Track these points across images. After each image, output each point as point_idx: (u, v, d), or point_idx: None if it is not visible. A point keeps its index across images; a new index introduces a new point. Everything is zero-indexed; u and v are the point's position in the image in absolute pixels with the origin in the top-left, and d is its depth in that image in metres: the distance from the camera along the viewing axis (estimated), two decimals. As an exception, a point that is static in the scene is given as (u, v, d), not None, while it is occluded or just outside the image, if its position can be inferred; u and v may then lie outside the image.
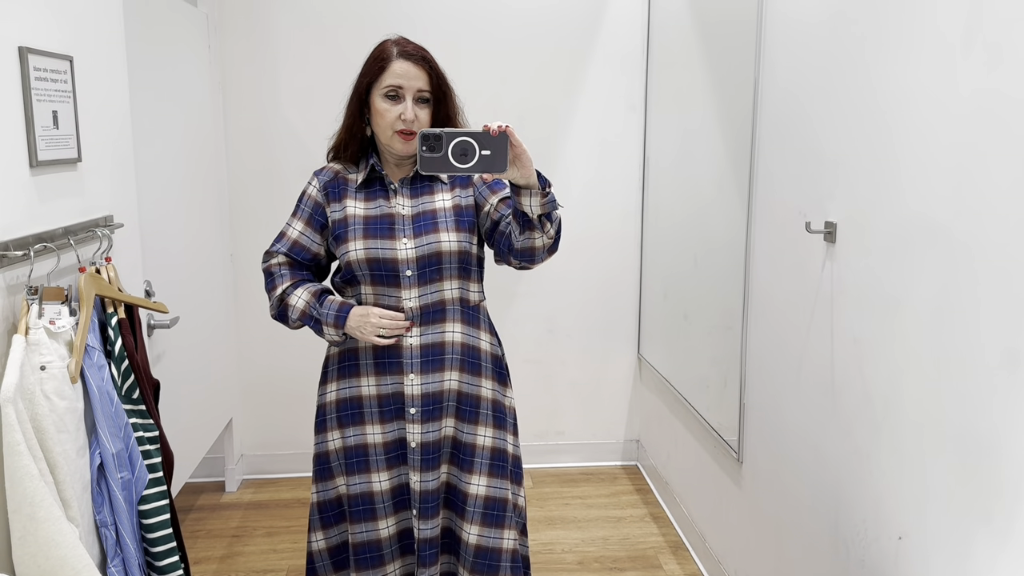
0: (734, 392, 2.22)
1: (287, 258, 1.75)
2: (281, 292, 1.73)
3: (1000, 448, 1.17)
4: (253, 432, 3.24)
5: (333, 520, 1.79)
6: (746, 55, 2.09)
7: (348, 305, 1.69)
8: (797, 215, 1.82)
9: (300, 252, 1.75)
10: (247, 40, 2.98)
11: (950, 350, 1.28)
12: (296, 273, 1.75)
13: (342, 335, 1.69)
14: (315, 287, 1.73)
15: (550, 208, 1.53)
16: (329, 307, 1.69)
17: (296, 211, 1.76)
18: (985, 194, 1.19)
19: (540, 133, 3.13)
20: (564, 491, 3.14)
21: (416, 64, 1.63)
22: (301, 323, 1.72)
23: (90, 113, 1.67)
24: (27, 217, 1.44)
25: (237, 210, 3.06)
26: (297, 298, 1.71)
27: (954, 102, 1.26)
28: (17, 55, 1.41)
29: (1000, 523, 1.17)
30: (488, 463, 1.72)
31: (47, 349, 1.37)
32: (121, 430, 1.54)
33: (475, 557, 1.71)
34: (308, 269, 1.78)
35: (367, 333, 1.65)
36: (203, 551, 2.67)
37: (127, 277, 1.82)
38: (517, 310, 3.26)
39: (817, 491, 1.75)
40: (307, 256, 1.75)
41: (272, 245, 1.77)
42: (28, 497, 1.26)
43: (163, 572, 1.60)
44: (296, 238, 1.74)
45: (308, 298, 1.71)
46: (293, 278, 1.74)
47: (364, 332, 1.65)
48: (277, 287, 1.74)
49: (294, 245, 1.75)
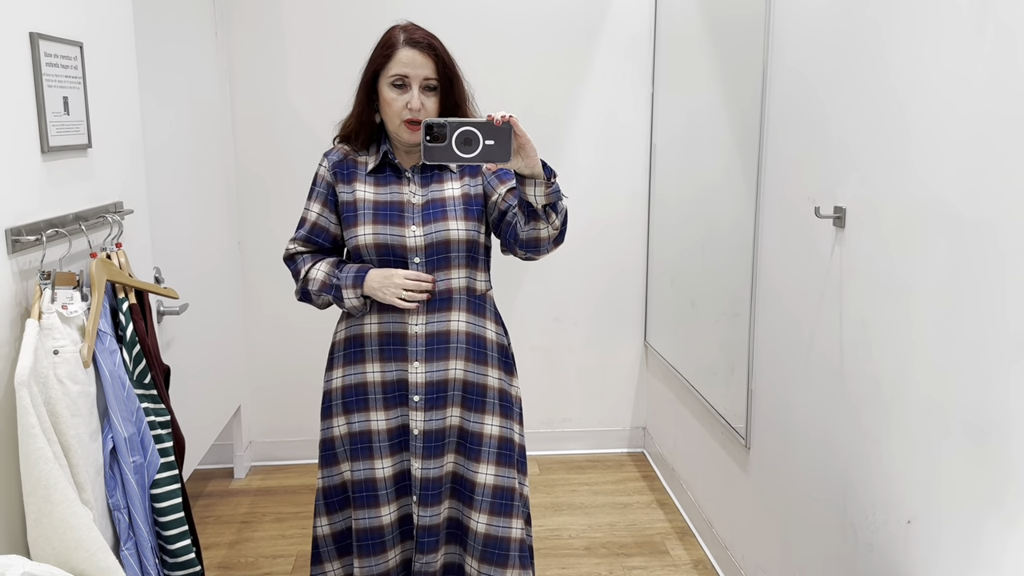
0: (741, 378, 2.22)
1: (307, 245, 1.76)
2: (304, 274, 1.74)
3: (1012, 433, 1.17)
4: (261, 419, 3.25)
5: (338, 506, 1.79)
6: (755, 38, 2.08)
7: (365, 268, 1.68)
8: (806, 200, 1.82)
9: (320, 233, 1.75)
10: (254, 27, 2.97)
11: (961, 335, 1.28)
12: (316, 256, 1.76)
13: (361, 297, 1.68)
14: (334, 259, 1.74)
15: (555, 198, 1.53)
16: (348, 271, 1.69)
17: (312, 194, 1.76)
18: (999, 178, 1.19)
19: (546, 120, 3.12)
20: (571, 478, 3.15)
21: (422, 52, 1.62)
22: (324, 294, 1.72)
23: (100, 99, 1.68)
24: (39, 203, 1.44)
25: (245, 197, 3.07)
26: (317, 270, 1.72)
27: (968, 85, 1.26)
28: (28, 41, 1.41)
29: (1012, 507, 1.17)
30: (496, 452, 1.73)
31: (60, 333, 1.37)
32: (133, 414, 1.55)
33: (484, 546, 1.71)
34: (330, 253, 1.78)
35: (388, 295, 1.64)
36: (212, 537, 2.69)
37: (137, 263, 1.83)
38: (524, 297, 3.26)
39: (825, 476, 1.76)
40: (327, 237, 1.76)
41: (295, 232, 1.78)
42: (43, 480, 1.27)
43: (175, 555, 1.61)
44: (315, 220, 1.75)
45: (327, 268, 1.71)
46: (314, 260, 1.75)
47: (386, 293, 1.65)
48: (300, 270, 1.75)
49: (314, 227, 1.75)
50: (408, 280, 1.64)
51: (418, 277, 1.65)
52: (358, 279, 1.67)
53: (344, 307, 1.71)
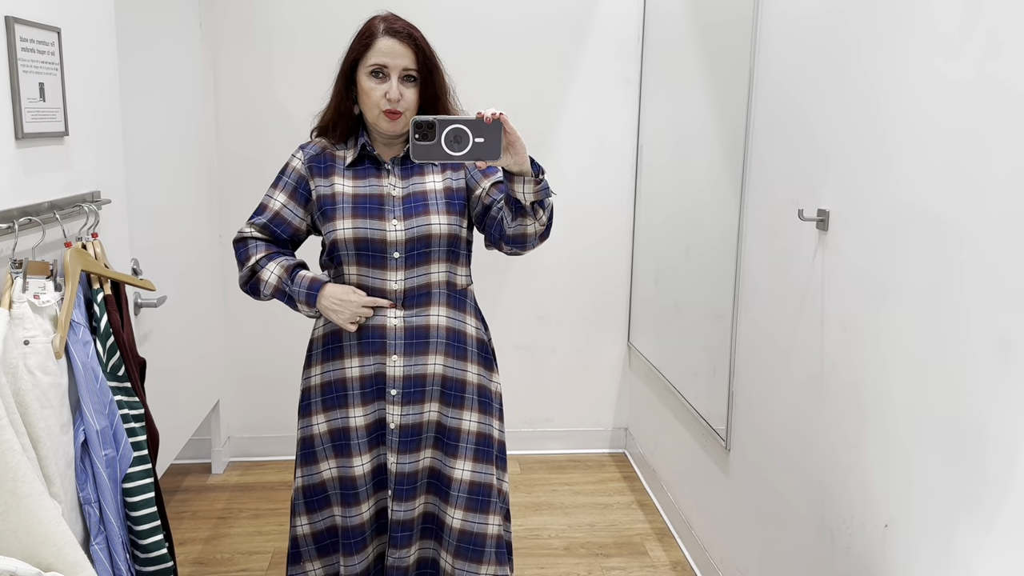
0: (723, 380, 2.22)
1: (264, 232, 1.73)
2: (253, 263, 1.70)
3: (986, 437, 1.17)
4: (240, 414, 3.22)
5: (317, 505, 1.77)
6: (741, 45, 2.08)
7: (319, 283, 1.66)
8: (790, 203, 1.82)
9: (280, 224, 1.72)
10: (240, 18, 2.94)
11: (939, 339, 1.28)
12: (271, 246, 1.73)
13: (315, 312, 1.68)
14: (288, 261, 1.70)
15: (543, 195, 1.52)
16: (300, 284, 1.67)
17: (278, 183, 1.73)
18: (980, 184, 1.19)
19: (534, 121, 3.11)
20: (551, 477, 3.14)
21: (402, 41, 1.60)
22: (273, 298, 1.71)
23: (78, 87, 1.65)
24: (12, 190, 1.42)
25: (226, 190, 3.04)
26: (269, 273, 1.69)
27: (950, 92, 1.26)
28: (4, 24, 1.38)
29: (985, 511, 1.17)
30: (473, 448, 1.71)
31: (31, 323, 1.35)
32: (106, 407, 1.52)
33: (459, 542, 1.70)
34: (285, 244, 1.75)
35: (342, 320, 1.64)
36: (188, 532, 2.66)
37: (114, 255, 1.80)
38: (508, 296, 3.25)
39: (804, 479, 1.76)
40: (287, 230, 1.72)
41: (251, 217, 1.73)
42: (10, 472, 1.25)
43: (147, 551, 1.59)
44: (278, 210, 1.71)
45: (280, 273, 1.68)
46: (267, 250, 1.71)
47: (339, 316, 1.64)
48: (250, 257, 1.71)
49: (275, 217, 1.72)
50: (365, 309, 1.64)
51: (375, 303, 1.65)
52: (311, 296, 1.66)
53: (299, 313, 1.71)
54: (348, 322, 1.64)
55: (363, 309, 1.64)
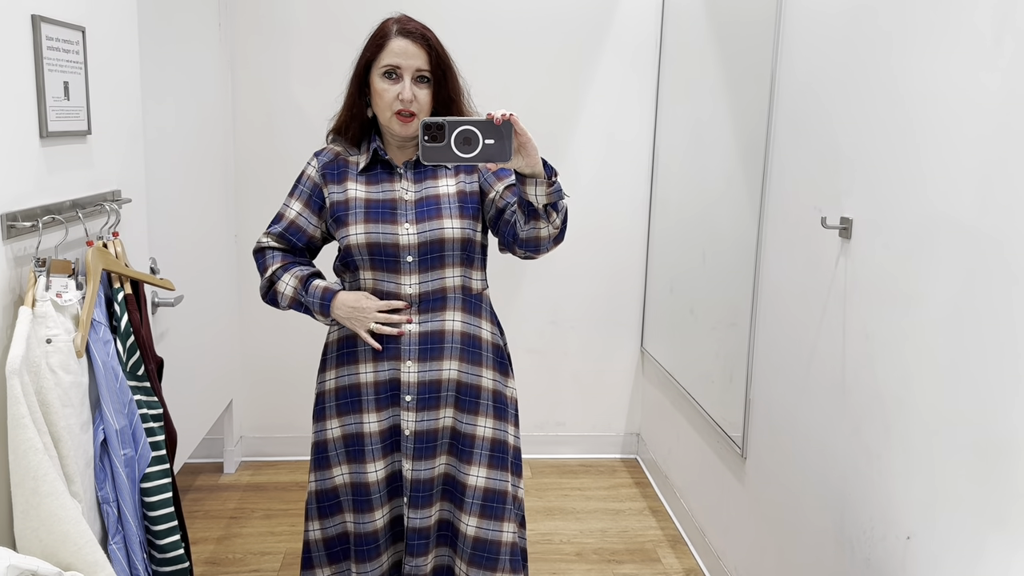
0: (740, 388, 2.21)
1: (280, 241, 1.73)
2: (271, 274, 1.71)
3: (1018, 450, 1.15)
4: (253, 414, 3.22)
5: (329, 511, 1.76)
6: (763, 49, 2.06)
7: (331, 292, 1.66)
8: (812, 210, 1.81)
9: (296, 233, 1.72)
10: (259, 20, 2.95)
11: (969, 350, 1.26)
12: (287, 256, 1.73)
13: (332, 321, 1.68)
14: (302, 271, 1.71)
15: (556, 198, 1.50)
16: (313, 294, 1.67)
17: (294, 191, 1.73)
18: (1012, 193, 1.18)
19: (550, 125, 3.11)
20: (563, 482, 3.13)
21: (415, 42, 1.59)
22: (291, 308, 1.72)
23: (101, 86, 1.65)
24: (36, 188, 1.42)
25: (243, 190, 3.04)
26: (285, 284, 1.69)
27: (982, 98, 1.24)
28: (30, 23, 1.38)
29: (1015, 526, 1.16)
30: (488, 454, 1.70)
31: (53, 322, 1.35)
32: (125, 407, 1.52)
33: (473, 549, 1.69)
34: (302, 253, 1.75)
35: (357, 326, 1.64)
36: (200, 532, 2.66)
37: (133, 253, 1.80)
38: (521, 300, 3.24)
39: (823, 489, 1.74)
40: (303, 238, 1.73)
41: (269, 226, 1.74)
42: (31, 471, 1.25)
43: (164, 551, 1.59)
44: (293, 218, 1.72)
45: (296, 284, 1.69)
46: (283, 260, 1.72)
47: (354, 324, 1.64)
48: (268, 268, 1.72)
49: (291, 226, 1.72)
50: (380, 314, 1.63)
51: (391, 307, 1.64)
52: (324, 307, 1.66)
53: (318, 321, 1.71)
54: (363, 330, 1.64)
55: (380, 315, 1.63)
